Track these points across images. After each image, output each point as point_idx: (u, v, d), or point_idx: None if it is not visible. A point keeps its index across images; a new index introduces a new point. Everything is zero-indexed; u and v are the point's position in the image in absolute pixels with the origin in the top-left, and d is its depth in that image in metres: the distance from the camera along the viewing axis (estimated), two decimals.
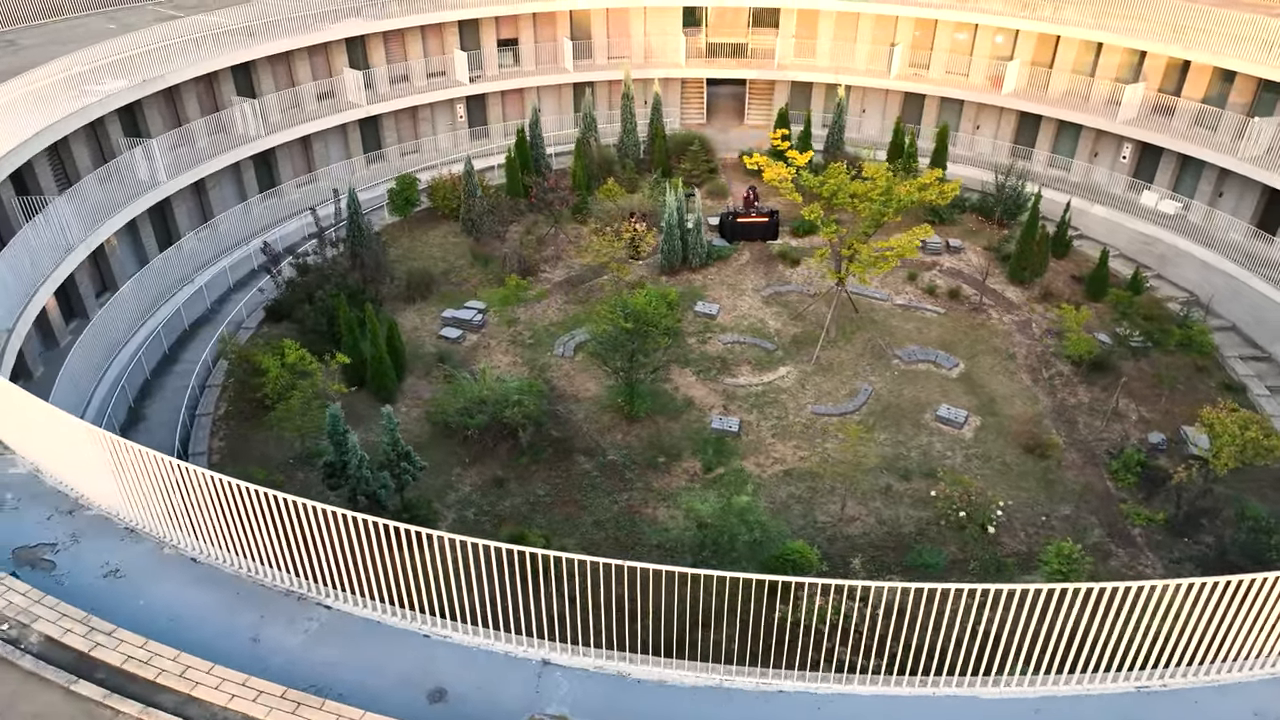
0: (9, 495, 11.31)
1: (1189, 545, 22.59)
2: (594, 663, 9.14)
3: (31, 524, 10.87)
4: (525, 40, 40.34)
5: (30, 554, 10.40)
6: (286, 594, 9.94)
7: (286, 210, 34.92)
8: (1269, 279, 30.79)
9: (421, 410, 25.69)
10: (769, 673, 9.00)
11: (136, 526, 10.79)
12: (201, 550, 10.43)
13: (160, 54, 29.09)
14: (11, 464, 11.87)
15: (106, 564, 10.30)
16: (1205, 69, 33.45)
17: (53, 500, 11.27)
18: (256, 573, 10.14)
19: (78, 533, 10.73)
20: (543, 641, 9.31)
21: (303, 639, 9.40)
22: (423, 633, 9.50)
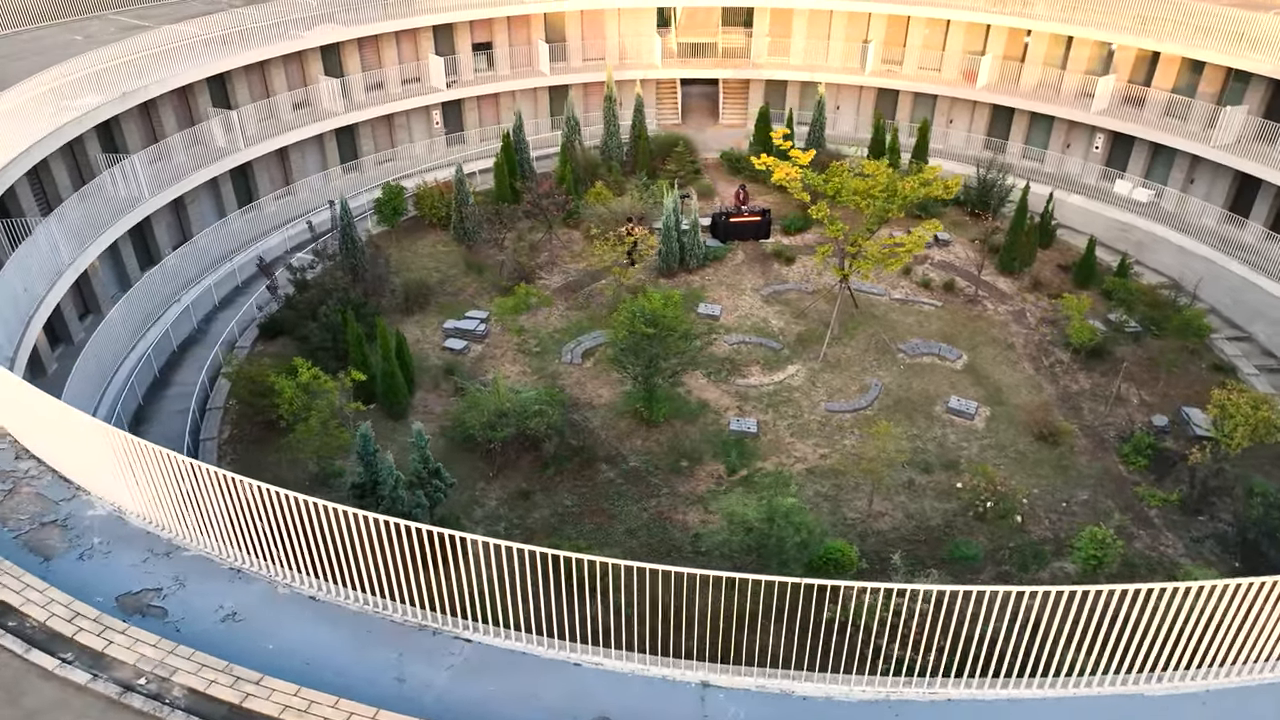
0: (96, 540, 10.70)
1: (1205, 524, 23.22)
2: (756, 682, 8.98)
3: (127, 568, 10.29)
4: (500, 44, 39.83)
5: (136, 601, 9.85)
6: (420, 629, 9.57)
7: (266, 224, 33.96)
8: (1246, 261, 31.88)
9: (436, 425, 25.14)
10: (935, 682, 8.94)
11: (243, 566, 10.30)
12: (320, 587, 9.99)
13: (135, 66, 27.97)
14: (89, 505, 11.24)
15: (221, 607, 9.80)
16: (1174, 60, 34.47)
17: (144, 542, 10.70)
18: (384, 608, 9.75)
19: (181, 576, 10.19)
20: (699, 663, 9.11)
21: (449, 675, 9.05)
22: (573, 661, 9.23)
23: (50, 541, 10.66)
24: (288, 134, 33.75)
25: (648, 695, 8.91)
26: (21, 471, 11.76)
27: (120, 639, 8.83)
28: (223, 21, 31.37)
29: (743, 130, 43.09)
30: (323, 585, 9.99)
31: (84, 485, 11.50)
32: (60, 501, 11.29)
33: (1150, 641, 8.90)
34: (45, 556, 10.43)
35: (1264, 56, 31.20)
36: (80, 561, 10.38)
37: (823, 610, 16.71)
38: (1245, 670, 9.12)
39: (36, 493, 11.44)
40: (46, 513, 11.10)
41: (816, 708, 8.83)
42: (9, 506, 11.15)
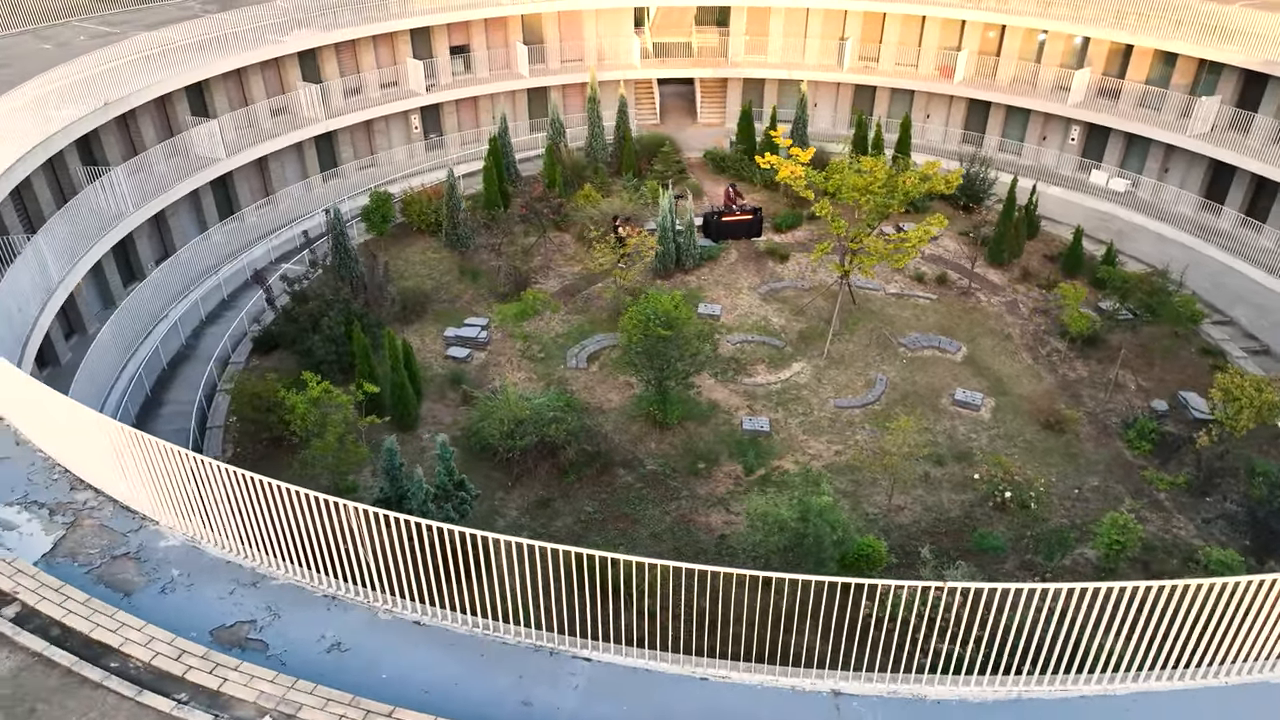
0: (174, 572, 10.25)
1: (1213, 505, 23.77)
2: (887, 688, 8.90)
3: (215, 601, 9.87)
4: (478, 47, 39.33)
5: (232, 634, 9.44)
6: (535, 650, 9.32)
7: (248, 236, 33.06)
8: (1224, 247, 32.75)
9: (448, 435, 24.67)
10: (1065, 679, 8.94)
11: (339, 593, 9.94)
12: (425, 611, 9.68)
13: (116, 75, 27.03)
14: (160, 535, 10.76)
15: (323, 637, 9.44)
16: (1147, 52, 35.29)
17: (226, 572, 10.27)
18: (495, 630, 9.47)
19: (273, 606, 9.80)
20: (829, 671, 9.00)
21: (576, 697, 8.82)
22: (699, 675, 9.05)
23: (126, 575, 10.19)
24: (267, 142, 32.92)
25: (782, 708, 8.78)
26: (80, 503, 11.24)
27: (234, 676, 8.44)
28: (201, 28, 30.48)
29: (721, 129, 43.17)
30: (427, 609, 9.69)
31: (150, 514, 11.02)
32: (128, 533, 10.80)
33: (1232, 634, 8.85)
34: (124, 591, 9.96)
35: (1236, 48, 32.05)
36: (163, 595, 9.93)
37: (859, 608, 16.82)
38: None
39: (100, 524, 10.94)
40: (116, 545, 10.61)
41: (949, 710, 8.78)
42: (74, 540, 10.64)
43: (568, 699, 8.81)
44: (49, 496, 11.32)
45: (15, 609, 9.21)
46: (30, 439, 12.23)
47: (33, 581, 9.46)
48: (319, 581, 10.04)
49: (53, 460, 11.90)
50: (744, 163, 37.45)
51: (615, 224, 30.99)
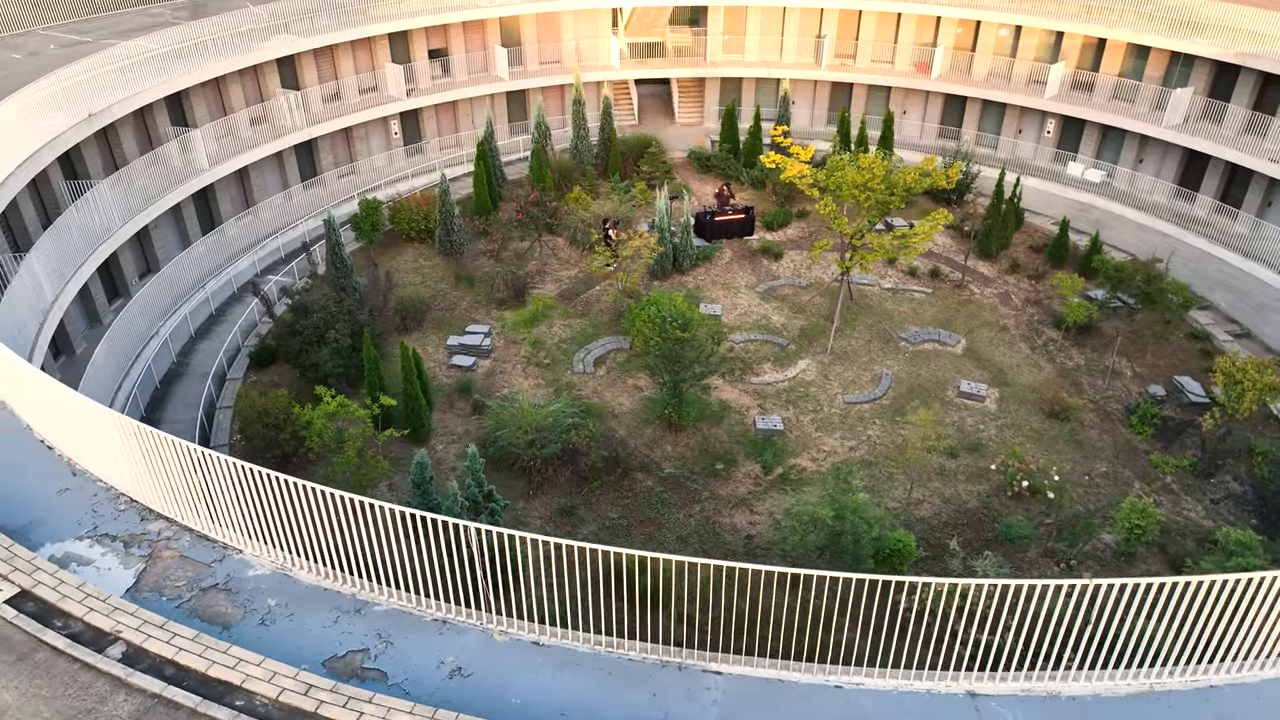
0: (271, 602, 9.87)
1: (1218, 486, 24.38)
2: (1021, 686, 8.91)
3: (320, 630, 9.53)
4: (456, 50, 38.79)
5: (347, 664, 9.12)
6: (663, 665, 9.16)
7: (231, 248, 32.19)
8: (1201, 233, 33.62)
9: (462, 445, 24.32)
10: (1200, 669, 9.03)
11: (449, 617, 9.66)
12: (542, 631, 9.45)
13: (96, 85, 26.10)
14: (247, 564, 10.37)
15: (442, 662, 9.17)
16: (1120, 46, 36.08)
17: (325, 600, 9.93)
18: (618, 647, 9.29)
19: (383, 633, 9.49)
20: (962, 673, 8.98)
21: (717, 711, 8.68)
22: (833, 684, 8.97)
23: (219, 608, 9.80)
24: (249, 152, 32.07)
25: (922, 711, 8.74)
26: (154, 533, 10.79)
27: (370, 709, 8.15)
28: (179, 35, 29.56)
29: (700, 128, 43.20)
30: (546, 628, 9.46)
31: (232, 543, 10.61)
32: (212, 563, 10.40)
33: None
34: (222, 625, 9.57)
35: (1207, 40, 32.93)
36: (264, 627, 9.57)
37: (897, 603, 16.91)
38: None
39: (180, 555, 10.52)
40: (202, 576, 10.21)
41: (1085, 706, 8.82)
42: (157, 573, 10.21)
43: (709, 714, 8.67)
44: (119, 528, 10.86)
45: (121, 648, 8.79)
46: (88, 468, 11.72)
47: (133, 619, 9.04)
48: (427, 605, 9.75)
49: (115, 490, 11.41)
50: (730, 162, 37.49)
51: (606, 227, 30.81)
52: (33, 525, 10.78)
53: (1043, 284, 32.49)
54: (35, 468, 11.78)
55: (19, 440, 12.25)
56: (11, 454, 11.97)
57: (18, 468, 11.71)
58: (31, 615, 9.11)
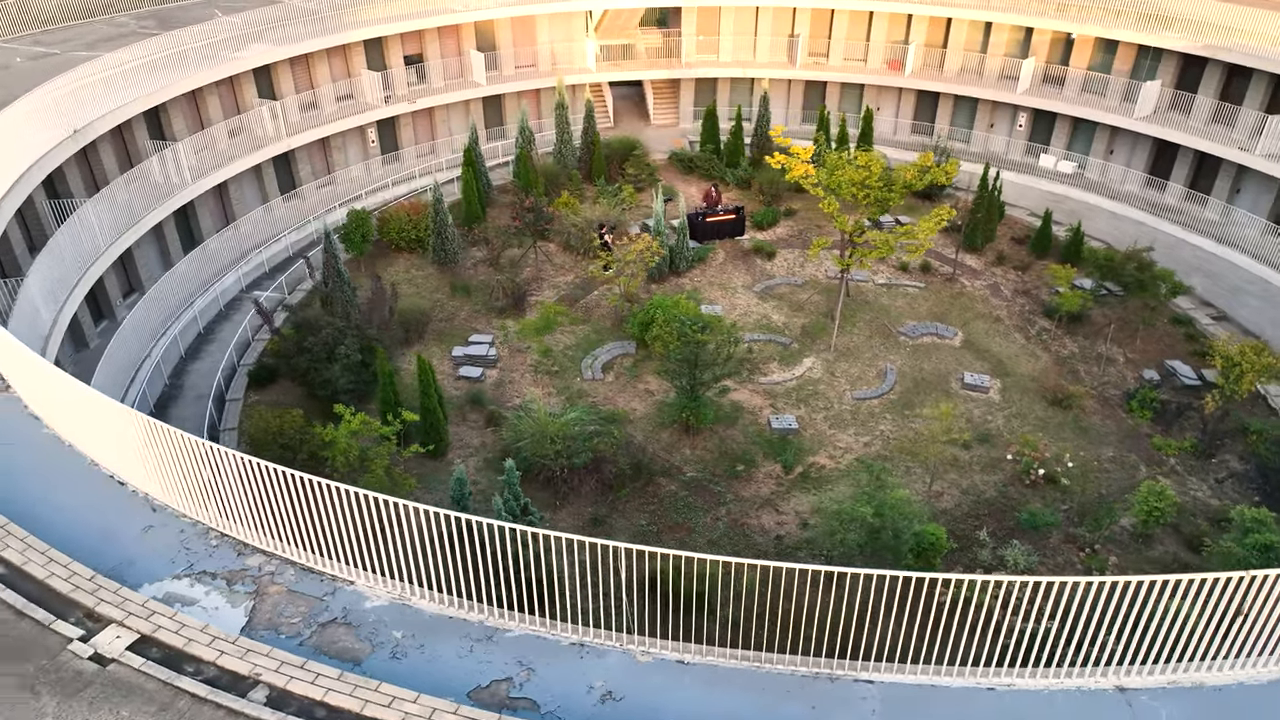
0: (397, 634, 9.57)
1: (1219, 466, 25.16)
2: (1167, 678, 9.05)
3: (455, 661, 9.27)
4: (431, 56, 38.20)
5: (492, 695, 8.88)
6: (814, 677, 9.10)
7: (213, 265, 31.23)
8: (1174, 220, 34.68)
9: (480, 458, 23.99)
10: None
11: (586, 639, 9.47)
12: (685, 648, 9.32)
13: (75, 100, 25.06)
14: (362, 596, 10.04)
15: (590, 687, 8.98)
16: (1089, 40, 37.04)
17: (452, 629, 9.66)
18: (763, 661, 9.20)
19: (522, 660, 9.27)
20: (1110, 667, 9.09)
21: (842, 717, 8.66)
22: (985, 686, 9.01)
23: (345, 643, 9.47)
24: (229, 165, 31.15)
25: (1077, 709, 8.82)
26: (255, 568, 10.40)
27: None
28: (156, 46, 28.54)
29: (676, 129, 43.25)
30: (689, 646, 9.34)
31: (341, 574, 10.27)
32: (324, 596, 10.06)
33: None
34: (353, 660, 9.26)
35: (1176, 34, 33.97)
36: (396, 661, 9.28)
37: (957, 599, 17.13)
38: None
39: (287, 590, 10.15)
40: (317, 611, 9.86)
41: (1231, 695, 8.99)
42: (268, 610, 9.83)
43: None
44: (217, 565, 10.44)
45: (264, 692, 8.45)
46: (168, 503, 11.25)
47: (270, 660, 8.70)
48: (563, 628, 9.55)
49: (202, 525, 10.97)
50: (714, 163, 37.57)
51: (601, 232, 30.66)
52: (124, 566, 10.31)
53: (1029, 275, 33.20)
54: (111, 506, 11.27)
55: (87, 477, 11.71)
56: (83, 493, 11.44)
57: (95, 507, 11.19)
58: (160, 662, 8.71)
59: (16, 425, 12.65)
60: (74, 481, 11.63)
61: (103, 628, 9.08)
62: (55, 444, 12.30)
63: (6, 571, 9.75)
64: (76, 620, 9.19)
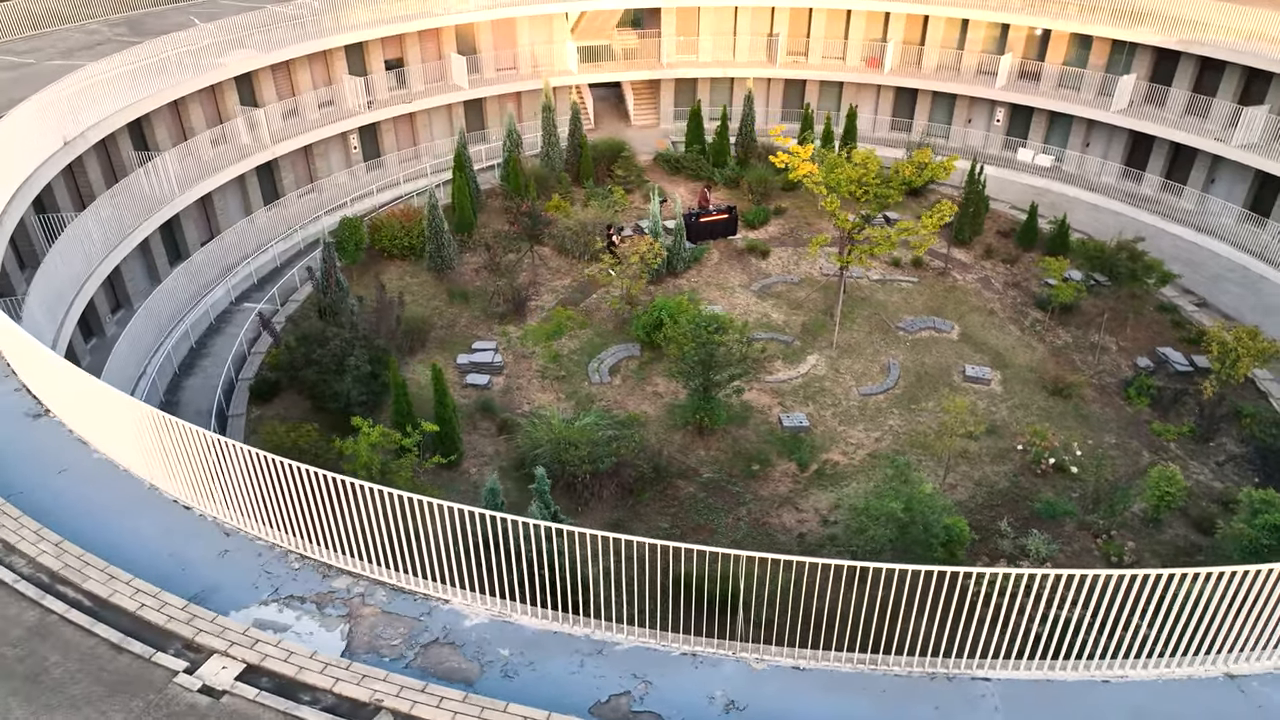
0: (504, 652, 9.39)
1: (1217, 449, 25.80)
2: (1274, 664, 9.22)
3: (569, 677, 9.13)
4: (412, 60, 37.71)
5: (614, 710, 8.76)
6: (930, 677, 9.12)
7: (201, 278, 30.44)
8: (1151, 210, 35.53)
9: (494, 466, 23.72)
10: None
11: (696, 649, 9.39)
12: (800, 654, 9.29)
13: (65, 110, 24.28)
14: (459, 615, 9.83)
15: (711, 697, 8.90)
16: (1064, 36, 37.77)
17: (559, 644, 9.51)
18: (882, 664, 9.20)
19: (637, 672, 9.15)
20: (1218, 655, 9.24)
21: (1002, 718, 8.70)
22: (1099, 678, 9.11)
23: (451, 664, 9.28)
24: (214, 176, 30.44)
25: (1189, 697, 8.95)
26: (343, 590, 10.15)
27: None
28: (138, 55, 27.72)
29: (657, 129, 43.23)
30: (804, 652, 9.31)
31: (435, 593, 10.07)
32: (421, 617, 9.84)
33: None
34: (465, 681, 9.07)
35: (1150, 29, 34.79)
36: (509, 680, 9.11)
37: (965, 591, 17.33)
38: None
39: (381, 611, 9.91)
40: (417, 632, 9.64)
41: None
42: (365, 633, 9.60)
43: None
44: (303, 588, 10.17)
45: (388, 719, 8.22)
46: (240, 527, 10.92)
47: (388, 685, 8.49)
48: (674, 639, 9.46)
49: (281, 547, 10.68)
50: (701, 163, 37.62)
51: (610, 233, 30.53)
52: (207, 593, 9.98)
53: (1018, 267, 33.77)
54: (181, 532, 10.91)
55: (150, 502, 11.33)
56: (149, 519, 11.06)
57: (164, 534, 10.82)
58: (274, 691, 8.44)
59: (65, 450, 12.20)
60: (138, 507, 11.24)
61: (205, 658, 8.78)
62: (109, 469, 11.89)
63: (94, 604, 9.39)
64: (176, 652, 8.87)
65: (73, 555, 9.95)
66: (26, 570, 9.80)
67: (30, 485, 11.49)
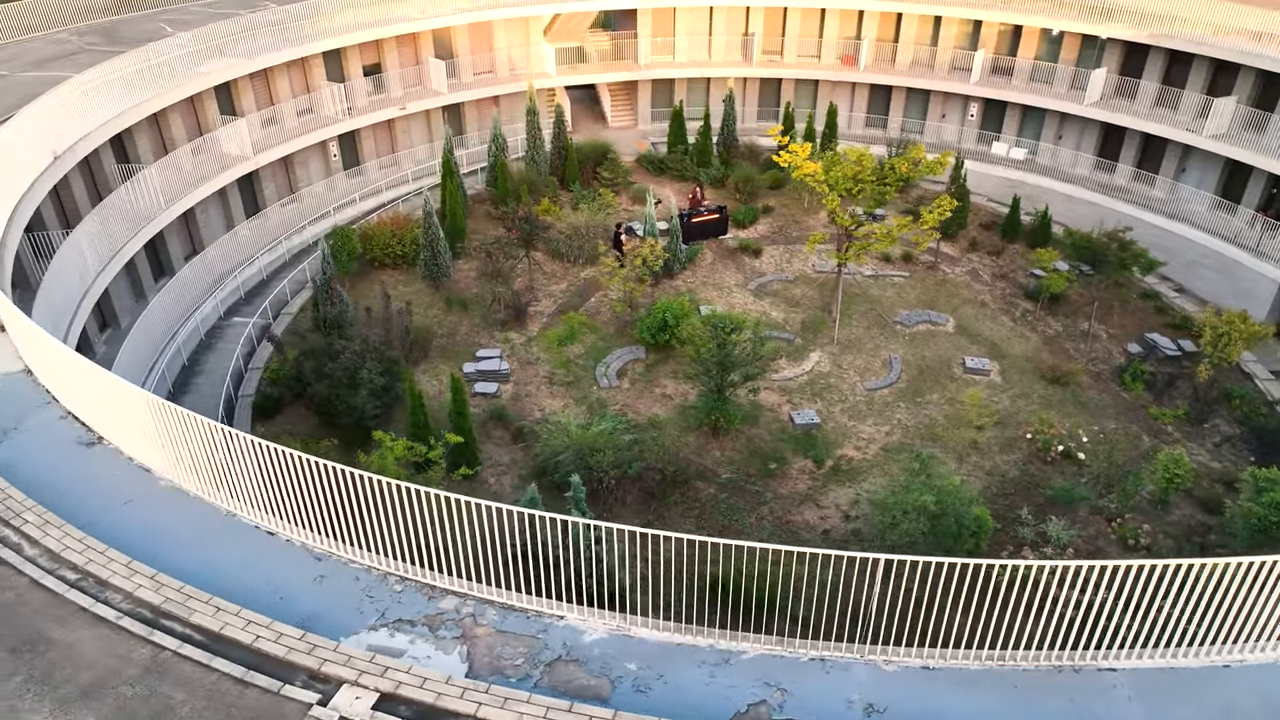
0: (631, 666, 9.27)
1: (1211, 430, 26.56)
2: None
3: (702, 688, 9.05)
4: (390, 65, 37.13)
5: (754, 719, 8.71)
6: (1058, 671, 9.23)
7: (188, 294, 29.56)
8: (1125, 200, 36.47)
9: (514, 475, 23.48)
10: None
11: (825, 655, 9.38)
12: (928, 654, 9.33)
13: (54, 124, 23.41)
14: (577, 631, 9.69)
15: (849, 702, 8.90)
16: (1035, 31, 38.58)
17: (684, 656, 9.42)
18: (1009, 659, 9.29)
19: (769, 680, 9.10)
20: None
21: (1140, 707, 8.84)
22: (1220, 663, 9.30)
23: (581, 681, 9.16)
24: (198, 189, 29.54)
25: None
26: (453, 611, 9.96)
27: None
28: (119, 65, 26.83)
29: (635, 130, 43.19)
30: (933, 651, 9.35)
31: (547, 610, 9.91)
32: (538, 634, 9.70)
33: None
34: (598, 699, 8.95)
35: (1122, 23, 35.70)
36: (643, 695, 9.02)
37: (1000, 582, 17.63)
38: None
39: (495, 631, 9.75)
40: (537, 651, 9.50)
41: None
42: (484, 654, 9.43)
43: (1133, 711, 8.82)
44: (411, 611, 9.95)
45: None
46: (331, 550, 10.64)
47: (534, 707, 8.34)
48: (801, 645, 9.44)
49: (378, 569, 10.43)
50: (685, 163, 37.67)
51: (618, 233, 30.39)
52: (311, 621, 9.69)
53: (1003, 259, 34.41)
54: (269, 558, 10.60)
55: (231, 529, 10.98)
56: (233, 546, 10.72)
57: (252, 561, 10.50)
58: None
59: (127, 479, 11.77)
60: (218, 535, 10.90)
61: (336, 689, 8.53)
62: (179, 497, 11.50)
63: (206, 638, 9.06)
64: (304, 683, 8.60)
65: (172, 588, 9.60)
66: (126, 606, 9.43)
67: (99, 517, 11.05)
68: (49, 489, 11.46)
